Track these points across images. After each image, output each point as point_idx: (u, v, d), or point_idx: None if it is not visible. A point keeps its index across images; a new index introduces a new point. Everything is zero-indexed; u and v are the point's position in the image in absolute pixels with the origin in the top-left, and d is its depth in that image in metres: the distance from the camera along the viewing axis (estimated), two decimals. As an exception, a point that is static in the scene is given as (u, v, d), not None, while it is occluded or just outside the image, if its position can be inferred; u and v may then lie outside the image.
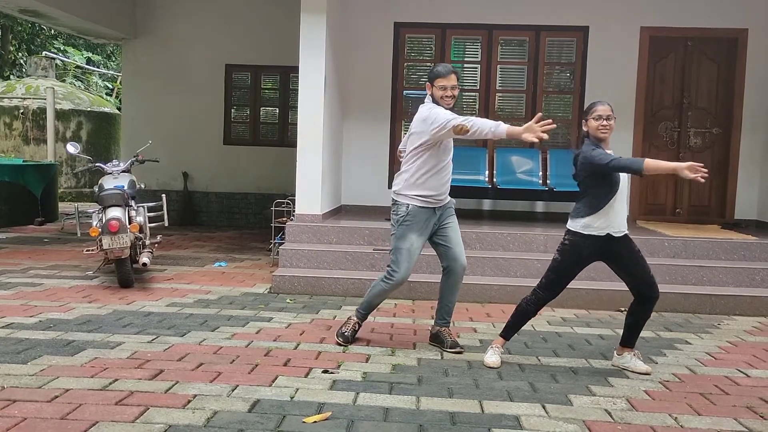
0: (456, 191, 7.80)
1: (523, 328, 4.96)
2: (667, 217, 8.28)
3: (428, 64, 8.56)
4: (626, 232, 3.97)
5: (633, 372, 3.99)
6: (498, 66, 8.46)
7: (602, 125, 3.91)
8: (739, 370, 4.15)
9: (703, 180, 3.65)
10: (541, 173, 8.05)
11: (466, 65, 8.56)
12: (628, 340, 4.09)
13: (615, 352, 4.17)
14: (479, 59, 8.49)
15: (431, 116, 4.13)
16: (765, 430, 3.23)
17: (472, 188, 7.86)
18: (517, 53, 8.53)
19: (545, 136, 3.94)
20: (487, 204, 8.44)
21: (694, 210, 8.33)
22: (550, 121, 3.93)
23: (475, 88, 8.53)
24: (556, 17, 8.21)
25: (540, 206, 8.40)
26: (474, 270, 6.22)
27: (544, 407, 3.40)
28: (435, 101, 4.25)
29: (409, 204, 4.25)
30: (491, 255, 6.34)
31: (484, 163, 8.15)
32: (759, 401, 3.61)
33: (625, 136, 8.16)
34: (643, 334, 4.94)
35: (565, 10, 8.20)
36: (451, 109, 4.21)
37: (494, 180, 8.01)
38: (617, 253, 3.96)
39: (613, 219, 3.91)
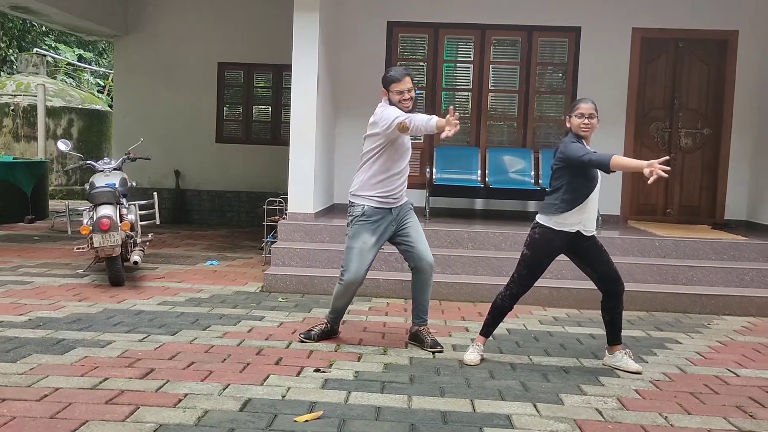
0: (448, 190, 7.96)
1: (514, 327, 5.00)
2: (657, 217, 8.32)
3: (421, 63, 8.57)
4: (594, 232, 4.01)
5: (625, 371, 4.01)
6: (491, 66, 8.47)
7: (584, 123, 3.93)
8: (728, 370, 4.18)
9: (665, 175, 3.59)
10: (533, 173, 8.06)
11: (458, 65, 8.57)
12: (613, 338, 4.13)
13: (606, 351, 4.19)
14: (472, 59, 8.49)
15: (382, 116, 4.19)
16: (754, 428, 3.25)
17: (465, 187, 7.87)
18: (509, 53, 8.54)
19: (458, 127, 4.00)
20: (479, 203, 8.45)
21: (684, 210, 8.37)
22: (457, 116, 4.00)
23: (467, 87, 8.54)
24: (548, 17, 8.23)
25: (532, 206, 8.40)
26: (466, 269, 6.24)
27: (535, 406, 3.41)
28: (393, 105, 4.28)
29: (365, 204, 4.27)
30: (483, 254, 6.35)
31: (477, 163, 8.16)
32: (748, 400, 3.63)
33: (616, 137, 8.19)
34: (634, 333, 4.99)
35: (558, 11, 8.22)
36: (412, 111, 4.28)
37: (486, 179, 8.02)
38: (584, 250, 4.03)
39: (586, 217, 3.97)
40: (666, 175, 3.60)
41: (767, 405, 3.57)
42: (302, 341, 4.38)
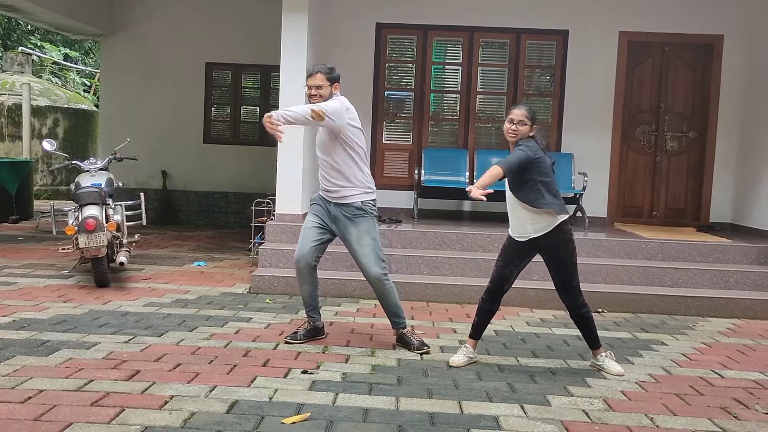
0: (437, 192, 7.97)
1: (501, 329, 5.02)
2: (644, 219, 8.37)
3: (410, 65, 8.58)
4: (534, 237, 3.97)
5: (607, 373, 4.04)
6: (479, 68, 8.50)
7: (511, 129, 3.99)
8: (713, 371, 4.22)
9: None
10: (520, 175, 8.09)
11: (447, 67, 8.59)
12: (590, 343, 4.17)
13: (592, 353, 4.22)
14: (460, 61, 8.51)
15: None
16: (738, 430, 3.28)
17: (453, 189, 7.88)
18: (497, 56, 8.57)
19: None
20: (467, 205, 8.47)
21: (670, 212, 8.43)
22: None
23: (456, 89, 8.56)
24: (536, 20, 8.27)
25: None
26: (454, 271, 6.25)
27: (522, 408, 3.42)
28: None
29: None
30: (471, 256, 6.36)
31: (465, 165, 8.18)
32: (732, 401, 3.67)
33: (603, 139, 8.26)
34: (620, 335, 5.03)
35: (546, 14, 8.26)
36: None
37: (475, 181, 8.02)
38: (543, 254, 4.06)
39: (512, 223, 4.08)
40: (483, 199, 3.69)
41: (751, 406, 3.60)
42: (288, 343, 4.36)
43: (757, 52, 7.94)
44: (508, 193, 4.06)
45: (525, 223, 3.99)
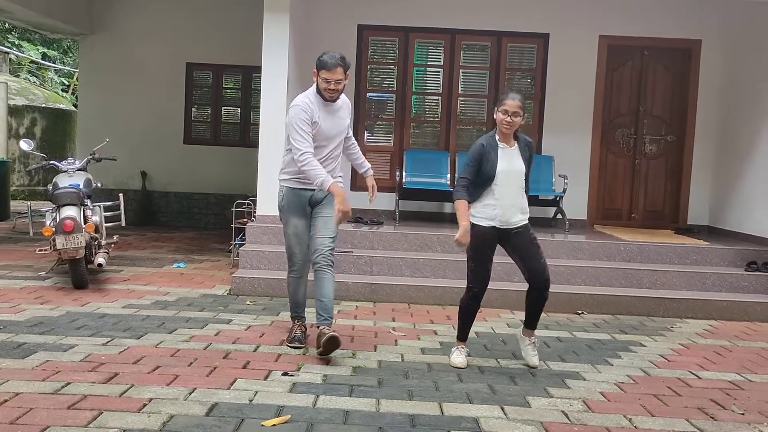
0: (418, 194, 7.99)
1: (482, 330, 5.04)
2: (623, 221, 8.46)
3: (392, 67, 8.59)
4: (517, 227, 4.06)
5: (524, 362, 4.18)
6: (460, 70, 8.53)
7: (506, 122, 3.97)
8: (690, 372, 4.27)
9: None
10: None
11: (428, 69, 8.61)
12: (528, 323, 4.25)
13: (520, 331, 4.30)
14: (442, 63, 8.54)
15: (290, 124, 4.18)
16: (715, 430, 3.32)
17: (434, 191, 7.91)
18: (479, 58, 8.61)
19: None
20: (448, 207, 8.48)
21: (648, 215, 8.52)
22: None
23: (437, 92, 8.59)
24: (517, 23, 8.32)
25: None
26: (435, 272, 6.26)
27: (502, 409, 3.43)
28: (318, 91, 4.26)
29: (284, 187, 4.35)
30: (452, 258, 6.37)
31: (446, 166, 8.20)
32: (709, 402, 3.71)
33: (583, 142, 8.32)
34: (599, 336, 5.07)
35: (526, 17, 8.31)
36: (333, 101, 4.27)
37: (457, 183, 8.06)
38: (513, 242, 4.11)
39: (499, 214, 4.03)
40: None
41: (728, 407, 3.65)
42: (295, 347, 4.30)
43: (734, 57, 8.05)
44: (512, 180, 4.02)
45: (517, 211, 4.06)
